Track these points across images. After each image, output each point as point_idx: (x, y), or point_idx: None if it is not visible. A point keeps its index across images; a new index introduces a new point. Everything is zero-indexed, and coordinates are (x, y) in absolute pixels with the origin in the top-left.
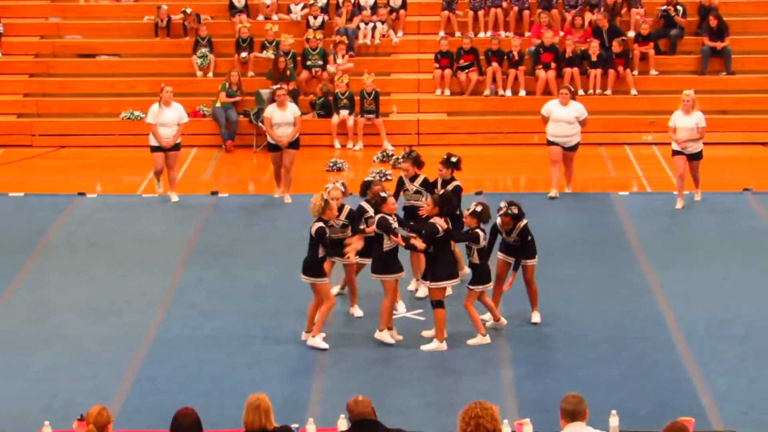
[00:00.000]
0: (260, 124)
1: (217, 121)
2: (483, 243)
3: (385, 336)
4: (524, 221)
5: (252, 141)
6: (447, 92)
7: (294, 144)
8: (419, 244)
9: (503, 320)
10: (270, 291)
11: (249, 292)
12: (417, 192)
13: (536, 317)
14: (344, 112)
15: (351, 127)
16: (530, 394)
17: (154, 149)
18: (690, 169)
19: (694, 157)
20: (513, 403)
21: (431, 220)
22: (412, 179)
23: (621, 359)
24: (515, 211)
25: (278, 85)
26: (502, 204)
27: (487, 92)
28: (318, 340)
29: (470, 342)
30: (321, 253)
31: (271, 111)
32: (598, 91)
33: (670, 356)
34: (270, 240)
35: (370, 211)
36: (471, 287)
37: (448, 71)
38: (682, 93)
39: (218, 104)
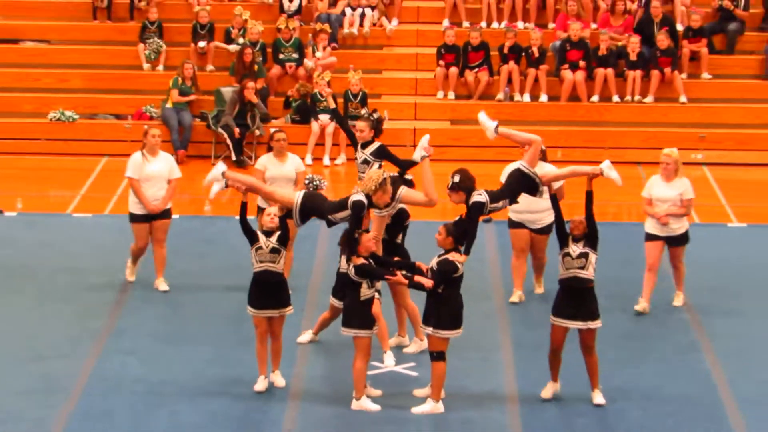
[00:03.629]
0: (220, 130)
1: (167, 126)
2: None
3: (365, 404)
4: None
5: (210, 151)
6: (451, 95)
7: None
8: (427, 282)
9: None
10: (230, 336)
11: (204, 337)
12: (365, 162)
13: (599, 397)
14: (324, 118)
15: (332, 135)
16: None
17: (135, 218)
18: (670, 257)
19: (676, 242)
20: None
21: (447, 256)
22: (364, 146)
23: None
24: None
25: (277, 128)
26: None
27: (500, 96)
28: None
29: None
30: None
31: (264, 163)
32: (637, 97)
33: (720, 427)
34: (231, 273)
35: None
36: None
37: (453, 70)
38: (663, 151)
39: (169, 105)
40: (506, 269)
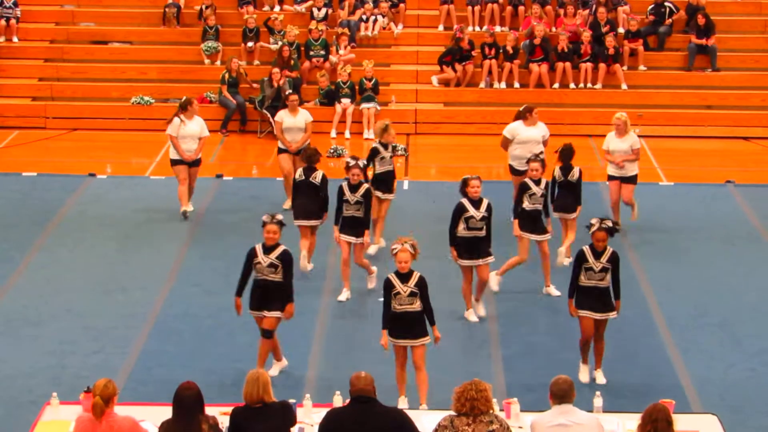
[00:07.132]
0: (264, 110)
1: (225, 107)
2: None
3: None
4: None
5: (257, 126)
6: (434, 82)
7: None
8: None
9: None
10: None
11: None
12: None
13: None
14: (345, 101)
15: (351, 115)
16: (518, 374)
17: (175, 162)
18: (622, 193)
19: (629, 180)
20: (501, 382)
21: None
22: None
23: (606, 342)
24: (610, 224)
25: (290, 91)
26: (593, 221)
27: (482, 84)
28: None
29: None
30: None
31: (281, 116)
32: (588, 85)
33: (653, 341)
34: None
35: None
36: None
37: (447, 66)
38: (615, 115)
39: (223, 94)
40: None
